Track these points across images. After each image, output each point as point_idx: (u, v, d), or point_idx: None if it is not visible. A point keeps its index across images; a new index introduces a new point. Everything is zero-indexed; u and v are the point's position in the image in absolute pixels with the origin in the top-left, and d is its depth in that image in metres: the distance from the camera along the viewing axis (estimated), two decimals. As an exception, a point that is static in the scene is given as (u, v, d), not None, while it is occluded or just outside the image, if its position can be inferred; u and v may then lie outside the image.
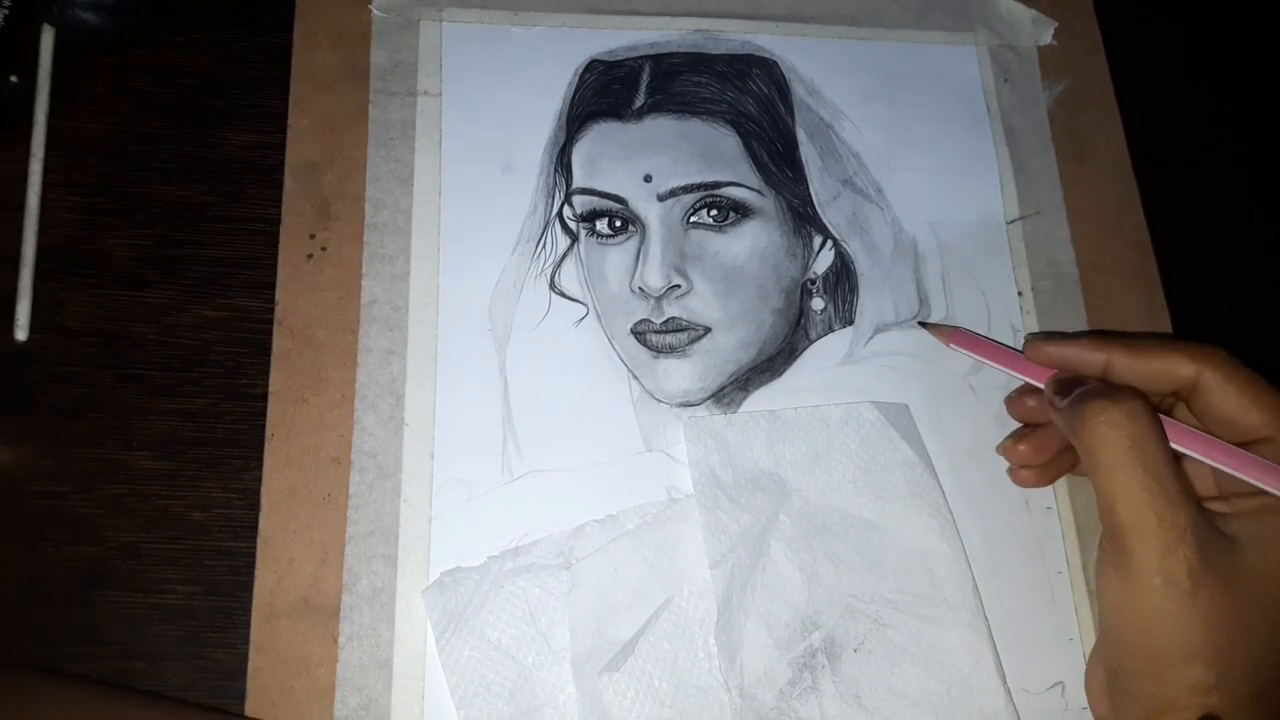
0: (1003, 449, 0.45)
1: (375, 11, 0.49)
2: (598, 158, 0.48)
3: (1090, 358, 0.41)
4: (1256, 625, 0.35)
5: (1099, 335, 0.43)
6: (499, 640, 0.40)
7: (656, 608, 0.41)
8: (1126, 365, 0.40)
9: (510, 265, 0.46)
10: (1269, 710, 0.35)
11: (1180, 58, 0.56)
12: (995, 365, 0.44)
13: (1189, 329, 0.49)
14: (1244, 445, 0.38)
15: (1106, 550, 0.37)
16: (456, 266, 0.46)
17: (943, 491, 0.44)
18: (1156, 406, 0.39)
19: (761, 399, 0.45)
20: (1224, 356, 0.38)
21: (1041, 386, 0.42)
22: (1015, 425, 0.45)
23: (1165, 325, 0.49)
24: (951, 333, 0.46)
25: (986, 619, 0.42)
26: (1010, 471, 0.45)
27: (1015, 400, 0.45)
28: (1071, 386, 0.39)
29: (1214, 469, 0.38)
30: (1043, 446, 0.43)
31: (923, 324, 0.47)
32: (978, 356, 0.45)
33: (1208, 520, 0.35)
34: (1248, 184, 0.54)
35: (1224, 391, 0.38)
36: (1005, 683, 0.41)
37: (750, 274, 0.47)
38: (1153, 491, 0.35)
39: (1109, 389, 0.38)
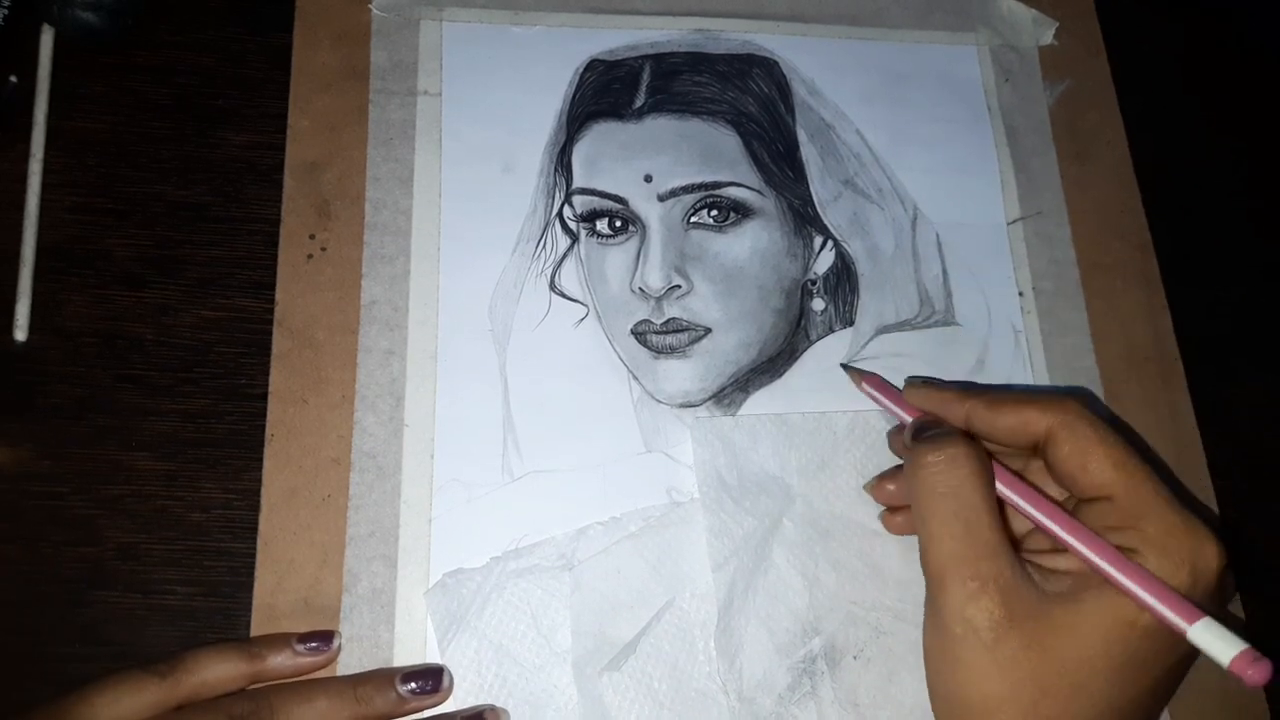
0: (868, 487, 0.43)
1: (375, 11, 0.49)
2: (598, 158, 0.48)
3: (952, 408, 0.39)
4: (1064, 688, 0.33)
5: (966, 387, 0.41)
6: (501, 642, 0.40)
7: (658, 609, 0.41)
8: (984, 418, 0.38)
9: (510, 265, 0.46)
10: None
11: (1181, 58, 0.55)
12: (889, 410, 0.42)
13: (1189, 329, 0.49)
14: (1086, 501, 0.36)
15: (927, 595, 0.36)
16: (457, 267, 0.46)
17: (943, 493, 0.44)
18: (1031, 456, 0.39)
19: (762, 400, 0.45)
20: (1076, 410, 0.36)
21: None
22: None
23: (1166, 325, 0.49)
24: (867, 377, 0.44)
25: (986, 621, 0.42)
26: (881, 516, 0.43)
27: (894, 436, 0.43)
28: (925, 430, 0.38)
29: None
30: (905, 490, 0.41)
31: (844, 366, 0.46)
32: (880, 402, 0.43)
33: (1022, 574, 0.34)
34: (1248, 184, 0.54)
35: (1069, 447, 0.36)
36: (1005, 685, 0.41)
37: (751, 274, 0.47)
38: (960, 540, 0.34)
39: (944, 435, 0.37)
